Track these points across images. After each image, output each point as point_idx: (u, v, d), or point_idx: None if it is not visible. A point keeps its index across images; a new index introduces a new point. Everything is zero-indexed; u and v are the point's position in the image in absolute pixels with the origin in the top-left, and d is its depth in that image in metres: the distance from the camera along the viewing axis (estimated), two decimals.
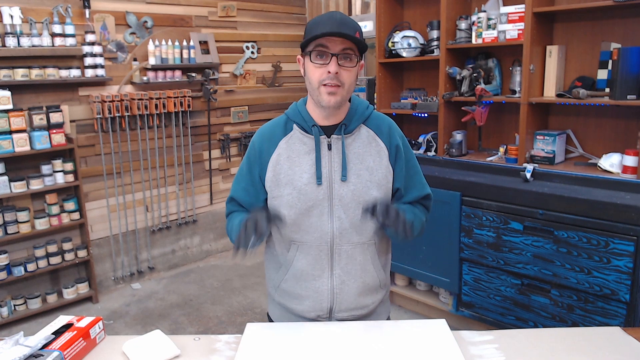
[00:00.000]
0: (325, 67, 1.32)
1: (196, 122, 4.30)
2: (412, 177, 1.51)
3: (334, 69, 1.31)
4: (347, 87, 1.35)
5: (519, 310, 2.73)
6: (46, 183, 3.38)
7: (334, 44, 1.31)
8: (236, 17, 4.48)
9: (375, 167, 1.43)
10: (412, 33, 3.32)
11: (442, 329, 1.41)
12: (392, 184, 1.47)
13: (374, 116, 1.49)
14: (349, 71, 1.34)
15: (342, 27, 1.29)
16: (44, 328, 1.37)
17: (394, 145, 1.47)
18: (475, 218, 2.81)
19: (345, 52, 1.32)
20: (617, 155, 2.60)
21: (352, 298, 1.47)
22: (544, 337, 1.40)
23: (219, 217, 4.60)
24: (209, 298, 3.76)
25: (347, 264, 1.44)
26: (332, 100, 1.34)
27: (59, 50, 3.35)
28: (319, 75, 1.33)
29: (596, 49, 2.70)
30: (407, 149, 1.51)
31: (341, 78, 1.32)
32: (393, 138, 1.48)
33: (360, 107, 1.48)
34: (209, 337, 1.44)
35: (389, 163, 1.45)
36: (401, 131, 1.54)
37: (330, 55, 1.31)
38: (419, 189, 1.53)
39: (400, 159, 1.48)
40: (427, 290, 3.41)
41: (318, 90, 1.34)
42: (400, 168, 1.48)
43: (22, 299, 3.40)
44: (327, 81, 1.32)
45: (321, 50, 1.32)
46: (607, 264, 2.34)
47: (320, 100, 1.35)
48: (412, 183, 1.52)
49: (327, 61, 1.32)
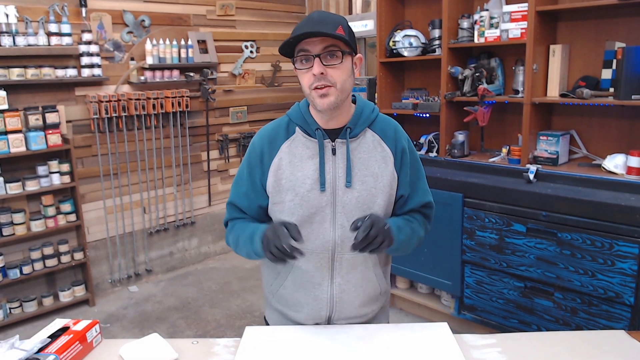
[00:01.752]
0: (311, 70, 1.29)
1: (194, 122, 4.31)
2: (414, 182, 1.48)
3: (318, 69, 1.28)
4: (340, 85, 1.31)
5: (522, 314, 2.73)
6: (42, 184, 3.39)
7: (313, 45, 1.28)
8: (235, 15, 4.48)
9: (380, 174, 1.40)
10: (413, 32, 3.33)
11: (444, 333, 1.41)
12: (395, 191, 1.44)
13: (379, 119, 1.45)
14: (337, 68, 1.29)
15: (319, 25, 1.26)
16: (40, 331, 1.37)
17: (400, 149, 1.44)
18: (477, 220, 2.81)
19: (328, 50, 1.28)
20: (622, 156, 2.60)
21: (352, 307, 1.46)
22: (547, 341, 1.40)
23: (218, 218, 4.60)
24: (208, 301, 3.76)
25: (348, 273, 1.43)
26: (326, 102, 1.30)
27: (55, 50, 3.35)
28: (307, 79, 1.31)
29: (600, 48, 2.71)
30: (413, 153, 1.48)
31: (330, 77, 1.29)
32: (399, 142, 1.44)
33: (366, 109, 1.44)
34: (207, 341, 1.43)
35: (394, 169, 1.42)
36: (407, 135, 1.51)
37: (312, 57, 1.28)
38: (420, 195, 1.49)
39: (406, 164, 1.44)
40: (428, 293, 3.41)
41: (311, 95, 1.32)
42: (405, 174, 1.44)
43: (17, 302, 3.40)
44: (316, 83, 1.29)
45: (303, 55, 1.30)
46: (612, 267, 2.34)
47: (316, 105, 1.33)
48: (415, 189, 1.48)
49: (311, 64, 1.29)
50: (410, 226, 1.46)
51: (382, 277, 1.50)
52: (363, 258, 1.43)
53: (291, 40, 1.28)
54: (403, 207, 1.49)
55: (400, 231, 1.38)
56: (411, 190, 1.47)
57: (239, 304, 3.70)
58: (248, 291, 3.89)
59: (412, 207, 1.49)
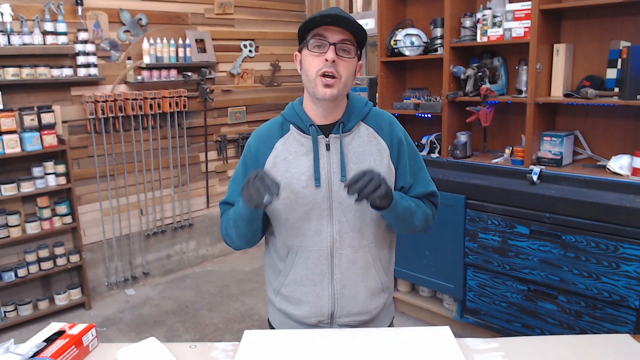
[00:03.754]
0: (323, 55, 1.33)
1: (192, 122, 4.31)
2: (415, 173, 1.50)
3: (332, 56, 1.31)
4: (345, 80, 1.35)
5: (525, 317, 2.73)
6: (37, 186, 3.39)
7: (333, 34, 1.32)
8: (233, 14, 4.49)
9: (376, 167, 1.42)
10: (415, 31, 3.34)
11: (446, 337, 1.41)
12: (393, 183, 1.46)
13: (373, 113, 1.49)
14: (347, 62, 1.34)
15: (342, 18, 1.31)
16: (35, 335, 1.37)
17: (396, 141, 1.46)
18: (480, 222, 2.82)
19: (344, 42, 1.33)
20: (627, 157, 2.60)
21: (354, 303, 1.47)
22: (551, 345, 1.40)
23: (216, 220, 4.60)
24: (206, 304, 3.76)
25: (348, 269, 1.44)
26: (328, 92, 1.34)
27: (51, 49, 3.36)
28: (316, 64, 1.34)
29: (605, 47, 2.71)
30: (410, 145, 1.50)
31: (338, 69, 1.33)
32: (394, 134, 1.47)
33: (359, 103, 1.47)
34: (205, 345, 1.44)
35: (390, 162, 1.45)
36: (403, 127, 1.53)
37: (329, 44, 1.32)
38: (423, 185, 1.51)
39: (403, 155, 1.47)
40: (430, 296, 3.41)
41: (315, 81, 1.34)
42: (403, 166, 1.47)
43: (12, 306, 3.40)
44: (325, 69, 1.32)
45: (319, 40, 1.33)
46: (617, 269, 2.34)
47: (316, 92, 1.35)
48: (417, 179, 1.50)
49: (325, 50, 1.33)
50: (415, 202, 1.48)
51: (382, 272, 1.51)
52: (362, 252, 1.45)
53: (318, 18, 1.30)
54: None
55: (403, 198, 1.40)
56: (413, 181, 1.50)
57: (237, 307, 3.70)
58: (247, 294, 3.90)
59: (414, 196, 1.51)
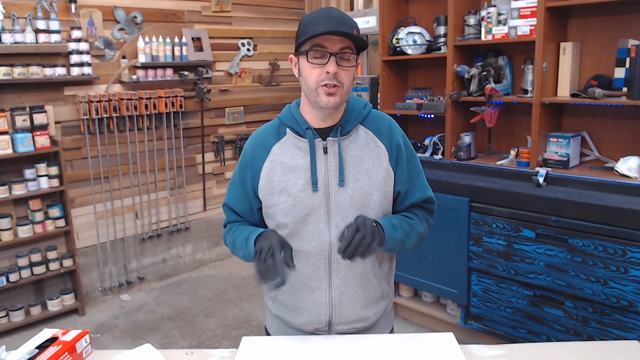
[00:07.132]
0: (324, 67, 1.33)
1: (189, 123, 4.32)
2: (413, 178, 1.51)
3: (333, 69, 1.32)
4: (347, 87, 1.37)
5: (531, 323, 2.73)
6: (29, 188, 3.39)
7: (332, 43, 1.32)
8: (231, 12, 4.50)
9: (375, 170, 1.43)
10: (417, 29, 3.34)
11: (450, 343, 1.42)
12: (392, 187, 1.47)
13: (372, 115, 1.50)
14: (348, 71, 1.35)
15: (341, 25, 1.30)
16: (27, 342, 1.37)
17: (395, 145, 1.47)
18: (484, 225, 2.82)
19: (344, 51, 1.33)
20: (635, 159, 2.60)
21: (352, 310, 1.47)
22: (558, 352, 1.40)
23: (213, 224, 4.61)
24: (202, 310, 3.76)
25: (346, 274, 1.45)
26: (332, 101, 1.35)
27: (43, 48, 3.36)
28: (316, 75, 1.34)
29: (613, 45, 2.71)
30: (409, 149, 1.51)
31: (340, 78, 1.34)
32: (393, 137, 1.48)
33: (357, 106, 1.48)
34: (202, 352, 1.44)
35: (389, 165, 1.45)
36: (402, 130, 1.54)
37: (329, 54, 1.32)
38: (420, 191, 1.52)
39: (402, 159, 1.47)
40: (433, 301, 3.41)
41: (316, 91, 1.35)
42: (402, 170, 1.47)
43: (4, 311, 3.40)
44: (326, 81, 1.33)
45: (318, 50, 1.33)
46: (625, 274, 2.34)
47: (319, 102, 1.36)
48: (413, 185, 1.51)
49: (325, 61, 1.33)
50: (408, 222, 1.48)
51: (381, 278, 1.51)
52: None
53: (317, 34, 1.30)
54: (403, 204, 1.52)
55: (395, 229, 1.40)
56: (409, 186, 1.50)
57: (235, 313, 3.70)
58: (245, 300, 3.90)
59: (412, 202, 1.52)
